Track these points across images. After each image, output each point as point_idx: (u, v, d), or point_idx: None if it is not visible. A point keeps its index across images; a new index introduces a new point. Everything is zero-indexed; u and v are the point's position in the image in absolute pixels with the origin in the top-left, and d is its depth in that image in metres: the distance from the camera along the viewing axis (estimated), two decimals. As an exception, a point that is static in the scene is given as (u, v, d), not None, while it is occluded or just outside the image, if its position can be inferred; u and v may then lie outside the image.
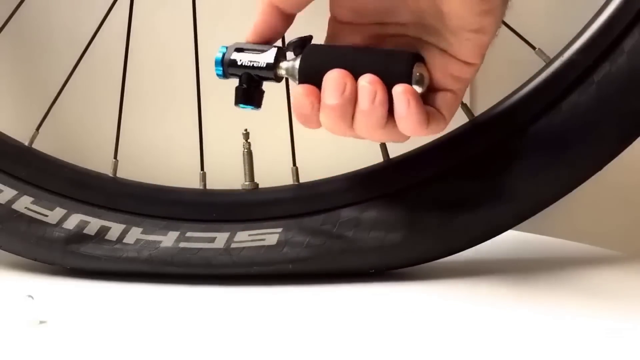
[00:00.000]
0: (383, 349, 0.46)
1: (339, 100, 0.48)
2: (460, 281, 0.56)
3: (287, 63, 0.51)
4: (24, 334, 0.49)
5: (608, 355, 0.44)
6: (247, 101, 0.52)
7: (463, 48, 0.49)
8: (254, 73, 0.52)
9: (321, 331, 0.49)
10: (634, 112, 0.54)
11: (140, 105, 0.71)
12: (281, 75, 0.52)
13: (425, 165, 0.57)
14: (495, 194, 0.56)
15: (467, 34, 0.49)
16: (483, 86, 0.73)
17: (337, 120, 0.49)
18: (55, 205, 0.59)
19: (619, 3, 0.54)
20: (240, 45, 0.52)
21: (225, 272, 0.57)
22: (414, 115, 0.48)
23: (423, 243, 0.56)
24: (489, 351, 0.45)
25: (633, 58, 0.53)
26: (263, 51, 0.51)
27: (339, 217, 0.57)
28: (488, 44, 0.50)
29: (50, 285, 0.58)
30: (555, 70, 0.55)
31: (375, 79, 0.48)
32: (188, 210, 0.59)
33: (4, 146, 0.61)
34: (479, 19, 0.48)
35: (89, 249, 0.58)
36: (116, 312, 0.54)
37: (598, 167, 0.55)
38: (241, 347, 0.47)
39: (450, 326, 0.49)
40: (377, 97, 0.48)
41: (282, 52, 0.52)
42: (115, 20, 0.63)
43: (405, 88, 0.48)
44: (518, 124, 0.56)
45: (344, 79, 0.49)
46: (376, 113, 0.48)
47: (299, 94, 0.50)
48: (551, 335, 0.47)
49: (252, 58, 0.51)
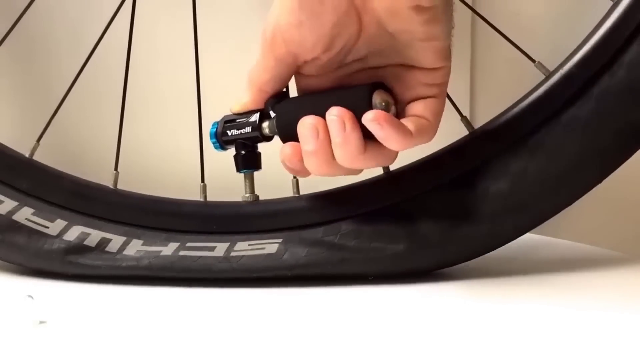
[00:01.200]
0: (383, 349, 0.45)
1: (316, 144, 0.51)
2: (460, 282, 0.57)
3: (268, 122, 0.55)
4: (24, 334, 0.49)
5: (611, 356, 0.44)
6: (247, 166, 0.57)
7: (423, 57, 0.51)
8: (245, 139, 0.55)
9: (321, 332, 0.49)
10: (634, 125, 0.54)
11: (141, 118, 0.71)
12: (267, 135, 0.55)
13: (425, 177, 0.57)
14: (494, 206, 0.56)
15: (421, 44, 0.50)
16: (483, 99, 0.73)
17: (321, 163, 0.51)
18: (56, 217, 0.59)
19: (619, 16, 0.54)
20: (228, 117, 0.56)
21: (225, 276, 0.57)
22: (393, 133, 0.49)
23: (424, 254, 0.56)
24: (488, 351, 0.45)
25: (632, 71, 0.54)
26: (248, 118, 0.55)
27: (340, 230, 0.57)
28: (447, 47, 0.51)
29: (50, 285, 0.58)
30: (555, 83, 0.55)
31: (339, 109, 0.50)
32: (189, 222, 0.59)
33: (4, 157, 0.61)
34: (424, 29, 0.50)
35: (88, 259, 0.58)
36: (116, 312, 0.54)
37: (598, 180, 0.56)
38: (241, 348, 0.47)
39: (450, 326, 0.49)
40: (346, 124, 0.50)
41: (264, 113, 0.55)
42: (116, 33, 0.64)
43: (373, 114, 0.49)
44: (518, 137, 0.56)
45: (315, 124, 0.51)
46: (352, 140, 0.50)
47: (284, 155, 0.53)
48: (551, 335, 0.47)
49: (240, 127, 0.55)
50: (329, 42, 0.51)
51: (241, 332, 0.49)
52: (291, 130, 0.52)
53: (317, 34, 0.50)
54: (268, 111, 0.55)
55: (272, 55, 0.52)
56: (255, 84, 0.54)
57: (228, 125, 0.56)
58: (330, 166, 0.51)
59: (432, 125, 0.52)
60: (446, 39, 0.51)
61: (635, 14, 0.54)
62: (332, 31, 0.50)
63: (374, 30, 0.51)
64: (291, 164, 0.53)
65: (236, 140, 0.56)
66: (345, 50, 0.52)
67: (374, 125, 0.49)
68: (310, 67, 0.53)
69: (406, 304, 0.54)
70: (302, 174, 0.54)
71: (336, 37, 0.51)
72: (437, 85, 0.52)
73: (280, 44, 0.51)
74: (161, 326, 0.51)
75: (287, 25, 0.51)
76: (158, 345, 0.47)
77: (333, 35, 0.50)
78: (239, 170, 0.57)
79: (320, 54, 0.51)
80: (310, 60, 0.52)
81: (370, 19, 0.50)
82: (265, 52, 0.52)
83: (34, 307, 0.50)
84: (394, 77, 0.52)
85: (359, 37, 0.51)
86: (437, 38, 0.50)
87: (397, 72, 0.52)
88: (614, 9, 0.54)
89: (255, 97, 0.54)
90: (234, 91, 0.56)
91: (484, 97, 0.73)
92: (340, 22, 0.50)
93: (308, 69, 0.53)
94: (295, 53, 0.51)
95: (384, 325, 0.50)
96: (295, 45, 0.51)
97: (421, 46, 0.51)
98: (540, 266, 0.59)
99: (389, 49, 0.52)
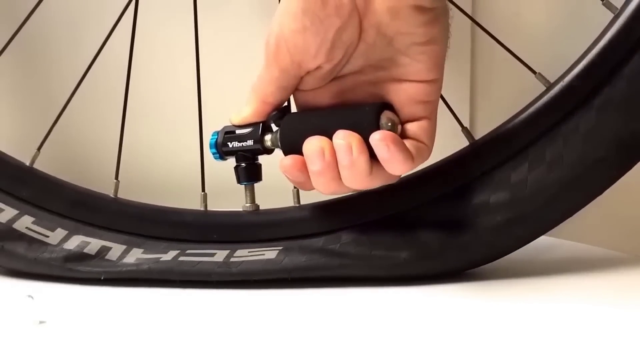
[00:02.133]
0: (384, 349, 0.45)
1: (322, 165, 0.51)
2: (459, 281, 0.57)
3: (270, 135, 0.55)
4: (24, 334, 0.49)
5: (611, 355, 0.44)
6: (248, 179, 0.57)
7: (419, 66, 0.51)
8: (246, 150, 0.56)
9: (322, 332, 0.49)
10: (634, 136, 0.54)
11: (142, 127, 0.71)
12: (269, 148, 0.55)
13: (426, 188, 0.57)
14: (495, 216, 0.56)
15: (419, 48, 0.51)
16: (483, 110, 0.73)
17: (327, 182, 0.51)
18: (57, 225, 0.59)
19: (620, 28, 0.54)
20: (229, 128, 0.56)
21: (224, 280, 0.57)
22: (398, 155, 0.50)
23: (424, 264, 0.56)
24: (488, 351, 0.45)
25: (633, 83, 0.54)
26: (250, 130, 0.55)
27: (340, 240, 0.57)
28: (443, 55, 0.52)
29: (50, 285, 0.58)
30: (556, 94, 0.56)
31: (347, 133, 0.51)
32: (189, 231, 0.59)
33: (5, 166, 0.61)
34: (424, 30, 0.50)
35: (88, 266, 0.58)
36: (116, 312, 0.54)
37: (599, 191, 0.56)
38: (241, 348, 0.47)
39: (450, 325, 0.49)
40: (354, 149, 0.50)
41: (266, 126, 0.55)
42: (116, 44, 0.63)
43: (381, 134, 0.50)
44: (518, 148, 0.56)
45: (321, 144, 0.51)
46: (359, 164, 0.50)
47: (285, 167, 0.53)
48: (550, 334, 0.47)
49: (241, 139, 0.55)
50: (331, 49, 0.51)
51: (241, 333, 0.49)
52: (295, 146, 0.53)
53: (321, 39, 0.51)
54: (270, 124, 0.55)
55: (277, 66, 0.52)
56: (259, 96, 0.54)
57: (228, 137, 0.56)
58: (337, 185, 0.52)
59: (428, 148, 0.53)
60: (444, 44, 0.51)
61: (637, 26, 0.54)
62: (335, 36, 0.51)
63: (373, 36, 0.51)
64: (291, 175, 0.53)
65: (237, 152, 0.56)
66: (345, 60, 0.52)
67: (381, 145, 0.49)
68: (311, 79, 0.53)
69: (408, 304, 0.54)
70: (304, 186, 0.54)
71: (338, 42, 0.51)
72: (430, 103, 0.53)
73: (285, 53, 0.52)
74: (160, 327, 0.51)
75: (291, 32, 0.51)
76: (157, 346, 0.47)
77: (335, 41, 0.51)
78: (239, 182, 0.57)
79: (323, 62, 0.52)
80: (312, 70, 0.52)
81: (370, 23, 0.51)
82: (269, 63, 0.53)
83: (34, 307, 0.50)
84: (388, 94, 0.53)
85: (358, 44, 0.51)
86: (436, 42, 0.51)
87: (391, 88, 0.53)
88: (615, 21, 0.55)
89: (258, 109, 0.55)
90: (235, 101, 0.56)
91: (484, 108, 0.73)
92: (343, 27, 0.50)
93: (308, 83, 0.53)
94: (299, 62, 0.52)
95: (386, 327, 0.50)
96: (299, 53, 0.51)
97: (419, 50, 0.51)
98: (540, 266, 0.59)
99: (385, 59, 0.52)
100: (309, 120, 0.54)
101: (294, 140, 0.53)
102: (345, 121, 0.51)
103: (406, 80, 0.52)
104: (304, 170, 0.52)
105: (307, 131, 0.52)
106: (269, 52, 0.52)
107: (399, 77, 0.52)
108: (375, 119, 0.51)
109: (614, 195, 0.56)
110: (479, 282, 0.57)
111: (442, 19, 0.51)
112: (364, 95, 0.53)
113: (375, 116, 0.51)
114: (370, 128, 0.50)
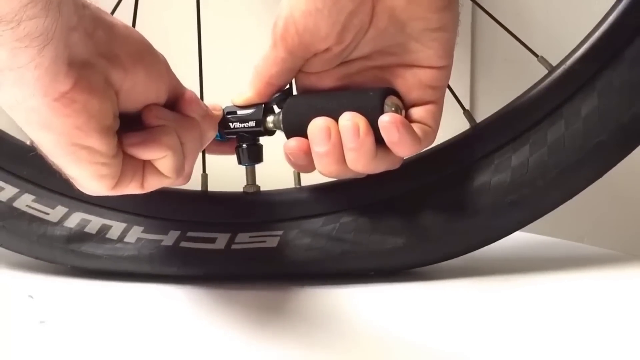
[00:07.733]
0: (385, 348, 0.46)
1: (328, 146, 0.51)
2: (460, 281, 0.57)
3: (273, 117, 0.55)
4: (24, 334, 0.49)
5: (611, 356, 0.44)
6: (249, 160, 0.57)
7: (430, 52, 0.51)
8: (247, 131, 0.55)
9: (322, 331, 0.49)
10: (635, 119, 0.54)
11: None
12: (270, 129, 0.55)
13: (427, 171, 0.57)
14: (495, 198, 0.56)
15: (431, 34, 0.51)
16: (484, 93, 0.73)
17: (331, 163, 0.51)
18: (57, 203, 0.59)
19: (622, 12, 0.54)
20: (230, 109, 0.56)
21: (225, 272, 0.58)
22: (407, 138, 0.50)
23: (423, 247, 0.57)
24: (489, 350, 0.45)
25: (634, 67, 0.54)
26: (252, 111, 0.55)
27: (339, 220, 0.57)
28: (453, 43, 0.52)
29: (50, 285, 0.58)
30: (558, 78, 0.56)
31: (354, 114, 0.50)
32: (189, 211, 0.59)
33: (5, 144, 0.60)
34: (438, 16, 0.50)
35: (90, 247, 0.58)
36: (116, 312, 0.54)
37: (599, 174, 0.56)
38: (241, 348, 0.47)
39: (449, 325, 0.49)
40: (361, 130, 0.50)
41: (268, 107, 0.55)
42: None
43: (391, 117, 0.49)
44: (520, 131, 0.56)
45: (327, 125, 0.51)
46: (365, 146, 0.50)
47: (291, 149, 0.52)
48: (551, 334, 0.47)
49: (242, 119, 0.55)
50: (342, 31, 0.51)
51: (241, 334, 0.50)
52: (299, 128, 0.53)
53: (333, 21, 0.50)
54: (272, 106, 0.55)
55: (284, 47, 0.52)
56: (263, 77, 0.54)
57: (230, 117, 0.56)
58: (340, 167, 0.51)
59: (434, 132, 0.53)
60: (454, 31, 0.51)
61: (639, 10, 0.54)
62: (346, 20, 0.50)
63: (385, 21, 0.51)
64: (295, 158, 0.53)
65: (238, 132, 0.56)
66: (354, 44, 0.52)
67: (390, 127, 0.49)
68: (317, 62, 0.53)
69: (407, 302, 0.54)
70: (306, 168, 0.54)
71: (349, 26, 0.50)
72: (439, 88, 0.52)
73: (293, 34, 0.51)
74: (161, 325, 0.51)
75: (301, 13, 0.50)
76: (158, 345, 0.47)
77: (346, 24, 0.50)
78: (240, 163, 0.57)
79: (332, 45, 0.51)
80: (321, 52, 0.52)
81: (383, 7, 0.50)
82: (276, 43, 0.52)
83: (34, 307, 0.50)
84: (396, 79, 0.53)
85: (368, 29, 0.51)
86: (447, 28, 0.51)
87: (400, 73, 0.52)
88: (618, 5, 0.55)
89: (261, 90, 0.54)
90: (237, 84, 0.56)
91: (484, 91, 0.73)
92: (355, 11, 0.50)
93: (313, 65, 0.53)
94: (307, 44, 0.51)
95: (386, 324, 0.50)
96: (308, 35, 0.51)
97: (431, 37, 0.51)
98: (540, 266, 0.59)
99: (395, 45, 0.52)
100: (312, 102, 0.53)
101: (297, 122, 0.53)
102: (349, 105, 0.51)
103: (415, 66, 0.52)
104: (308, 153, 0.52)
105: (310, 114, 0.52)
106: (277, 33, 0.52)
107: (408, 63, 0.52)
108: (380, 104, 0.51)
109: (614, 195, 0.56)
110: (476, 281, 0.57)
111: (454, 6, 0.51)
112: (369, 80, 0.53)
113: (380, 101, 0.51)
114: (375, 112, 0.50)
